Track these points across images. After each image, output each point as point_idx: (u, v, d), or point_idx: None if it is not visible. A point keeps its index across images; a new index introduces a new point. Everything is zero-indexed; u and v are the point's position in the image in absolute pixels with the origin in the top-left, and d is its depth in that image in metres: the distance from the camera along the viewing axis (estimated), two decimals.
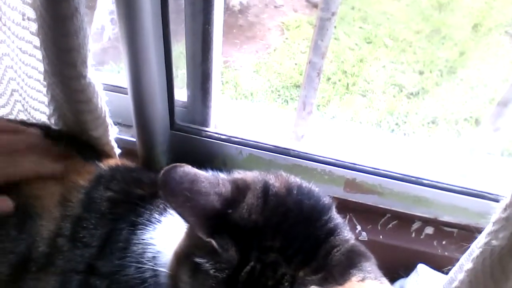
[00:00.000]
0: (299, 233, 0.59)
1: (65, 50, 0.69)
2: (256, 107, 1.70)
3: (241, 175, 0.65)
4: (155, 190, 0.77)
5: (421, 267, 0.97)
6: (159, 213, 0.74)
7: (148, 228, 0.73)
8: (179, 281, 0.60)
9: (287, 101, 2.04)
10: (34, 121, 0.93)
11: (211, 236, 0.56)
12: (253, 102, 2.01)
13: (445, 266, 0.92)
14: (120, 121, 0.99)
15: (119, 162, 0.87)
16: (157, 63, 0.83)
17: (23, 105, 0.94)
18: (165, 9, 0.79)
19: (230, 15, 2.40)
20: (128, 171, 0.84)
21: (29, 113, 0.93)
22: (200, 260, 0.57)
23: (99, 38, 1.89)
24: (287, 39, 2.38)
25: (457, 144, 1.84)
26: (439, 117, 2.03)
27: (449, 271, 0.70)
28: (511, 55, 2.33)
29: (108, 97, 0.83)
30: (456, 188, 0.95)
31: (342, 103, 2.05)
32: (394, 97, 2.11)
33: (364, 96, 2.11)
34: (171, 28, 0.84)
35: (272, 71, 2.18)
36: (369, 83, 2.17)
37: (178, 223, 0.69)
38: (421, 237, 1.00)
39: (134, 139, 0.95)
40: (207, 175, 0.60)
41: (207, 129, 1.00)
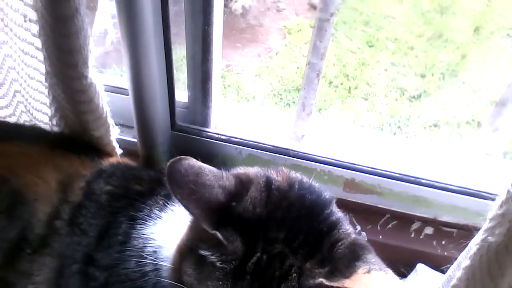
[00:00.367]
0: (303, 226, 0.59)
1: (66, 50, 0.70)
2: (256, 108, 1.71)
3: (243, 170, 0.66)
4: (154, 186, 0.79)
5: (421, 267, 0.97)
6: (159, 209, 0.75)
7: (148, 223, 0.73)
8: (184, 274, 0.61)
9: (289, 105, 2.04)
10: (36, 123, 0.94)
11: (216, 228, 0.56)
12: (255, 105, 2.01)
13: (444, 265, 0.92)
14: (121, 122, 0.99)
15: (120, 160, 0.89)
16: (157, 65, 0.84)
17: (25, 106, 0.95)
18: (165, 11, 0.80)
19: (232, 18, 2.40)
20: (128, 168, 0.85)
21: (32, 114, 0.94)
22: (205, 252, 0.57)
23: (101, 42, 1.89)
24: (289, 42, 2.38)
25: (457, 145, 1.84)
26: (441, 120, 2.02)
27: (447, 268, 0.70)
28: None
29: (109, 98, 0.84)
30: (455, 188, 0.95)
31: (344, 106, 2.05)
32: (396, 100, 2.10)
33: (366, 99, 2.11)
34: (172, 30, 0.85)
35: (274, 74, 2.18)
36: (371, 87, 2.16)
37: (178, 219, 0.71)
38: (421, 237, 1.00)
39: (135, 140, 0.96)
40: (212, 168, 0.61)
41: (207, 130, 1.01)
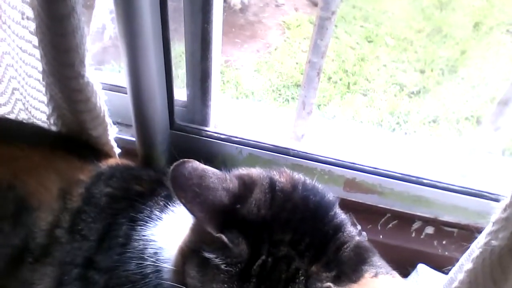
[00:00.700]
0: (308, 228, 0.59)
1: (63, 49, 0.69)
2: (256, 107, 1.70)
3: (245, 171, 0.65)
4: (155, 187, 0.78)
5: (421, 267, 0.97)
6: (160, 210, 0.74)
7: (148, 224, 0.73)
8: (187, 276, 0.60)
9: (288, 100, 2.03)
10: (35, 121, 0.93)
11: (221, 231, 0.56)
12: (254, 101, 2.01)
13: (445, 266, 0.91)
14: (119, 121, 0.98)
15: (118, 161, 0.88)
16: (156, 63, 0.83)
17: (23, 104, 0.94)
18: (164, 7, 0.79)
19: (230, 14, 2.39)
20: (127, 169, 0.84)
21: (30, 112, 0.93)
22: (209, 255, 0.57)
23: (100, 37, 1.88)
24: (288, 38, 2.37)
25: (458, 143, 1.84)
26: (440, 116, 2.02)
27: (449, 271, 0.70)
28: None
29: (107, 96, 0.83)
30: (456, 188, 0.94)
31: (343, 102, 2.04)
32: (395, 96, 2.10)
33: (365, 95, 2.10)
34: (171, 27, 0.83)
35: (273, 70, 2.17)
36: (370, 82, 2.16)
37: (179, 220, 0.70)
38: (421, 237, 1.00)
39: (133, 139, 0.95)
40: (215, 170, 0.61)
41: (206, 129, 1.00)
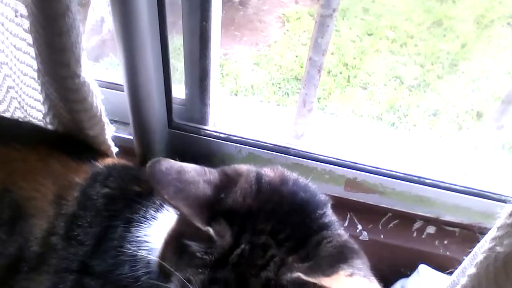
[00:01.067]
0: (292, 221, 0.59)
1: (58, 49, 0.68)
2: (255, 104, 1.69)
3: (230, 166, 0.65)
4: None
5: (423, 268, 0.96)
6: (155, 210, 0.73)
7: (143, 225, 0.72)
8: (165, 260, 0.61)
9: (287, 94, 2.03)
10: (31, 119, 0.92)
11: (208, 224, 0.56)
12: (253, 95, 2.00)
13: (447, 266, 0.91)
14: (117, 119, 0.98)
15: (115, 161, 0.86)
16: (154, 59, 0.81)
17: (19, 102, 0.92)
18: (161, 3, 0.78)
19: (230, 7, 2.37)
20: (125, 169, 0.83)
21: (26, 111, 0.92)
22: (189, 242, 0.57)
23: (98, 30, 1.86)
24: (287, 31, 2.35)
25: (460, 141, 1.83)
26: (440, 110, 2.01)
27: (451, 272, 0.69)
28: None
29: (104, 94, 0.81)
30: (458, 187, 0.94)
31: (343, 95, 2.04)
32: (395, 89, 2.09)
33: (365, 88, 2.10)
34: (168, 20, 0.82)
35: (272, 63, 2.16)
36: (370, 76, 2.15)
37: (173, 219, 0.69)
38: (423, 236, 0.99)
39: (131, 137, 0.94)
40: (192, 165, 0.61)
41: (205, 127, 0.99)
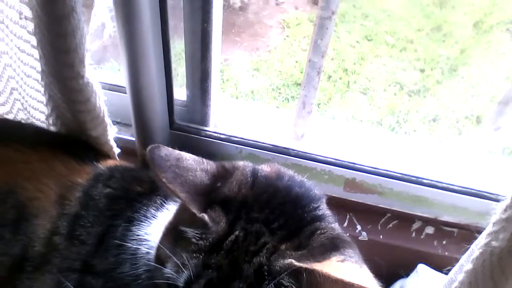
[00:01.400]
0: (286, 211, 0.60)
1: (63, 50, 0.69)
2: (256, 106, 1.70)
3: (229, 162, 0.67)
4: (155, 187, 0.77)
5: (421, 267, 0.97)
6: (156, 209, 0.74)
7: (143, 223, 0.73)
8: (162, 247, 0.61)
9: (288, 99, 2.03)
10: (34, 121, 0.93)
11: (204, 211, 0.58)
12: (253, 100, 2.01)
13: (445, 266, 0.92)
14: (119, 120, 0.98)
15: (117, 162, 0.87)
16: (156, 61, 0.83)
17: (22, 104, 0.93)
18: (163, 6, 0.79)
19: (230, 12, 2.39)
20: (126, 170, 0.84)
21: (29, 112, 0.93)
22: (185, 228, 0.58)
23: (99, 35, 1.87)
24: (287, 36, 2.37)
25: (458, 143, 1.84)
26: (440, 115, 2.02)
27: (449, 271, 0.70)
28: None
29: (106, 96, 0.82)
30: (456, 187, 0.94)
31: (343, 101, 2.04)
32: (395, 95, 2.10)
33: (365, 94, 2.10)
34: (170, 24, 0.83)
35: (272, 69, 2.17)
36: (370, 81, 2.16)
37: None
38: (421, 237, 1.00)
39: (133, 138, 0.95)
40: (190, 154, 0.62)
41: (206, 129, 1.00)
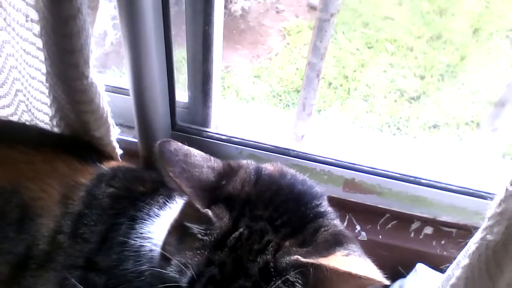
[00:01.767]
0: (290, 209, 0.61)
1: (68, 50, 0.70)
2: (256, 108, 1.70)
3: (235, 161, 0.68)
4: (157, 187, 0.78)
5: (420, 267, 0.97)
6: (159, 208, 0.75)
7: (146, 222, 0.74)
8: (166, 245, 0.62)
9: (288, 106, 2.05)
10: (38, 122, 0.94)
11: (208, 206, 0.59)
12: (254, 104, 2.02)
13: (444, 265, 0.92)
14: (122, 122, 1.00)
15: (120, 163, 0.89)
16: (158, 64, 0.84)
17: (26, 106, 0.95)
18: (166, 11, 0.81)
19: (231, 20, 2.40)
20: (129, 170, 0.85)
21: (33, 114, 0.94)
22: (190, 225, 0.59)
23: (101, 43, 1.89)
24: (288, 44, 2.38)
25: (456, 145, 1.84)
26: (440, 121, 2.02)
27: (447, 266, 0.70)
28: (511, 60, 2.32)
29: (110, 98, 0.84)
30: (454, 188, 0.95)
31: (343, 107, 2.06)
32: (395, 101, 2.10)
33: (365, 100, 2.11)
34: (172, 33, 0.85)
35: (273, 76, 2.19)
36: (370, 88, 2.16)
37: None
38: (420, 237, 1.01)
39: (136, 140, 0.96)
40: (198, 151, 0.64)
41: (207, 130, 1.01)
